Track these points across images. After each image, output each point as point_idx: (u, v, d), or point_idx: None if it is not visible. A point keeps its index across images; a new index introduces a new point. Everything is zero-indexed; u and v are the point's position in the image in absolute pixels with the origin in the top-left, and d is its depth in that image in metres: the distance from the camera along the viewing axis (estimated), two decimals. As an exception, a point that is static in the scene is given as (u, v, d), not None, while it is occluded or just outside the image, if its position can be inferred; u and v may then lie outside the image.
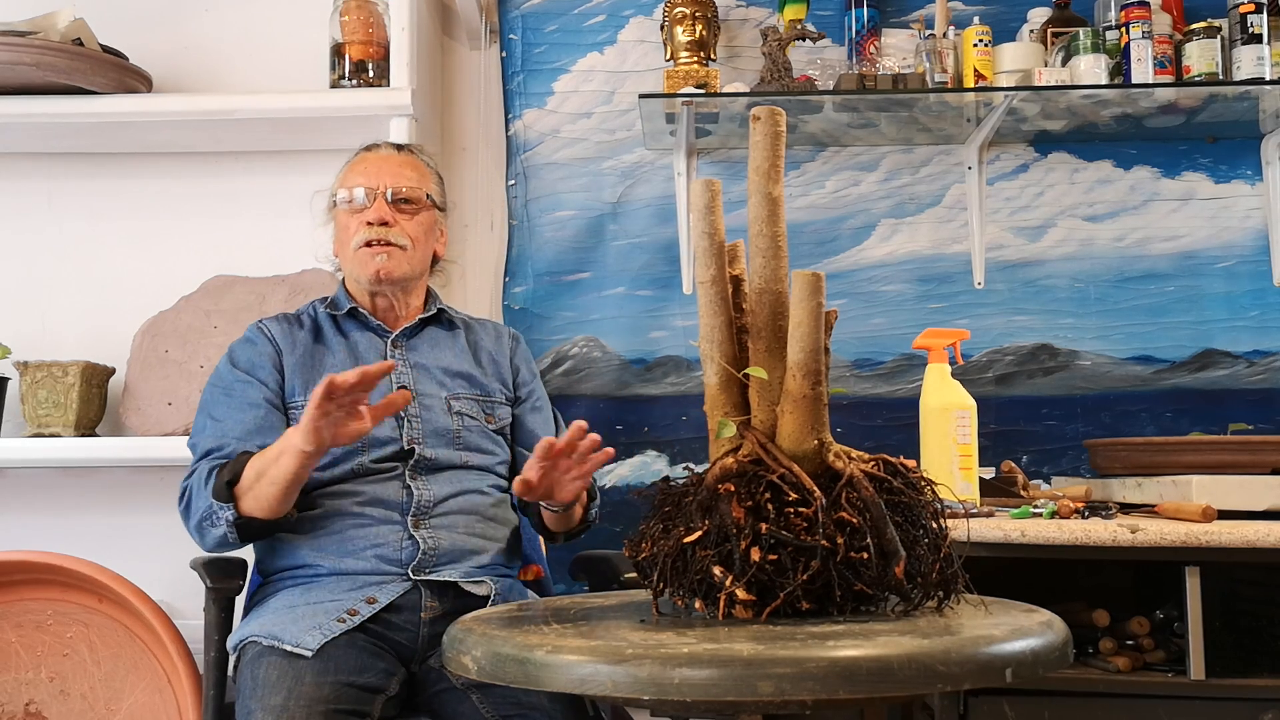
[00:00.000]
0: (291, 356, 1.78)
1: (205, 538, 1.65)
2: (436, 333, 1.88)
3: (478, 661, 1.09)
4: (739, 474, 1.18)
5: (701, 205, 1.24)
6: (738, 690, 0.95)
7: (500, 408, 1.87)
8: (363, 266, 1.80)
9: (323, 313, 1.86)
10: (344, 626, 1.59)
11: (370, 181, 1.82)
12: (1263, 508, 1.82)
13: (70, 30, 2.27)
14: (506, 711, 1.56)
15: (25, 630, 2.17)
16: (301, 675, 1.51)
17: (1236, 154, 2.57)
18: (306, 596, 1.65)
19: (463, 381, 1.84)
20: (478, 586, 1.69)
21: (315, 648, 1.55)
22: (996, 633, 1.05)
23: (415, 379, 1.80)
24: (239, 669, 1.62)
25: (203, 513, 1.62)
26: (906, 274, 2.58)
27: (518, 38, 2.66)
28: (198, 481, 1.65)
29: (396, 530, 1.69)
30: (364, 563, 1.67)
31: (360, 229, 1.80)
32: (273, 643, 1.57)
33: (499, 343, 1.94)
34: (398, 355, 1.82)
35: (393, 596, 1.65)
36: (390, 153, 1.88)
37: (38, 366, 2.30)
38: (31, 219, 2.55)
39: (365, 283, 1.82)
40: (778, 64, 2.40)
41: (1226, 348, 2.53)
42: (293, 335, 1.81)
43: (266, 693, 1.49)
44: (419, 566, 1.67)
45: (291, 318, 1.86)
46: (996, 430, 2.49)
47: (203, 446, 1.70)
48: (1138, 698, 1.75)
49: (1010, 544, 1.74)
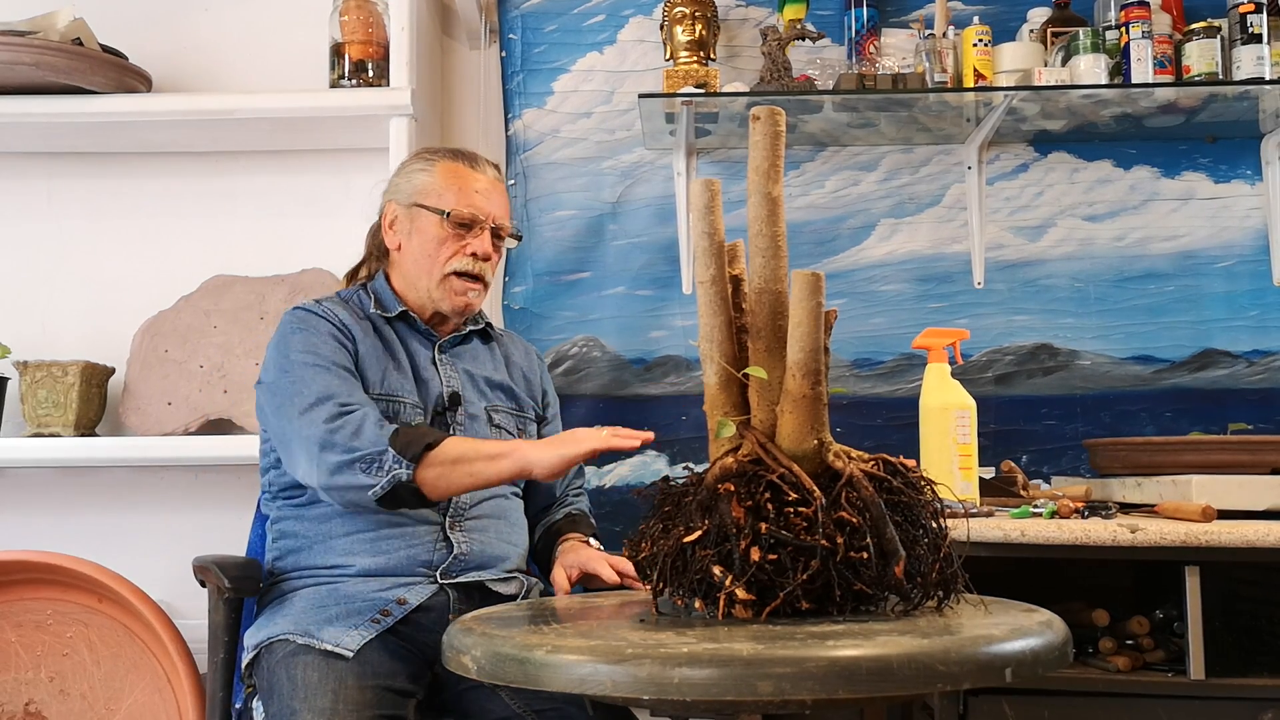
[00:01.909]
0: (358, 343, 1.71)
1: (340, 475, 1.54)
2: (477, 344, 1.88)
3: (477, 661, 1.09)
4: (739, 474, 1.18)
5: (701, 205, 1.24)
6: (737, 690, 0.95)
7: (530, 424, 1.88)
8: (450, 295, 1.76)
9: (373, 311, 1.79)
10: (378, 628, 1.58)
11: (484, 209, 1.77)
12: (1263, 507, 1.82)
13: (70, 30, 2.27)
14: (538, 705, 1.55)
15: (25, 630, 2.17)
16: (344, 678, 1.50)
17: (1236, 154, 2.57)
18: (335, 595, 1.64)
19: (501, 394, 1.84)
20: (506, 585, 1.70)
21: (355, 649, 1.54)
22: (996, 632, 1.05)
23: (462, 386, 1.79)
24: (265, 667, 1.59)
25: (367, 453, 1.52)
26: (906, 274, 2.58)
27: (517, 37, 2.66)
28: (364, 421, 1.55)
29: (432, 531, 1.68)
30: (395, 563, 1.66)
31: (459, 256, 1.75)
32: (309, 641, 1.56)
33: (529, 359, 1.95)
34: (445, 361, 1.80)
35: (422, 598, 1.64)
36: (495, 177, 1.82)
37: (37, 366, 2.30)
38: (31, 219, 2.55)
39: (447, 309, 1.78)
40: (777, 64, 2.40)
41: (1226, 347, 2.53)
42: (356, 323, 1.75)
43: (311, 693, 1.48)
44: (447, 570, 1.67)
45: (352, 304, 1.79)
46: (996, 430, 2.49)
47: (326, 393, 1.59)
48: (1137, 697, 1.75)
49: (1010, 544, 1.74)
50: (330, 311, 1.74)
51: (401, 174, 1.85)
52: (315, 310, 1.74)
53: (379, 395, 1.69)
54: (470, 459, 1.53)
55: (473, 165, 1.81)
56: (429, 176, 1.79)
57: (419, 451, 1.52)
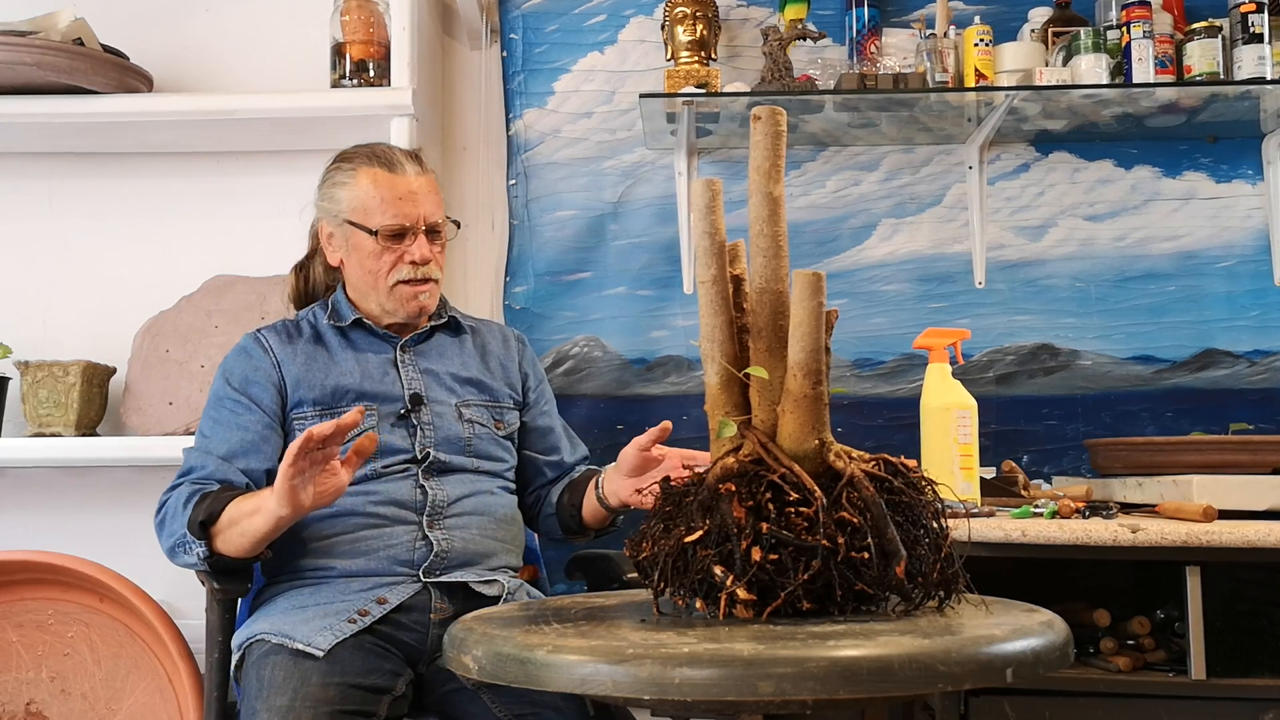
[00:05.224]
0: (292, 367, 1.75)
1: (175, 558, 1.63)
2: (444, 339, 1.87)
3: (478, 661, 1.09)
4: (740, 474, 1.18)
5: (702, 205, 1.24)
6: (738, 690, 0.95)
7: (509, 413, 1.86)
8: (402, 303, 1.77)
9: (324, 323, 1.81)
10: (355, 627, 1.59)
11: (411, 215, 1.75)
12: (1263, 507, 1.82)
13: (71, 30, 2.27)
14: (519, 710, 1.56)
15: (26, 630, 2.17)
16: (308, 676, 1.51)
17: (1237, 154, 2.57)
18: (316, 596, 1.65)
19: (472, 388, 1.83)
20: (488, 587, 1.70)
21: (326, 648, 1.55)
22: (997, 632, 1.05)
23: (426, 386, 1.78)
24: (244, 667, 1.62)
25: (177, 539, 1.60)
26: (907, 274, 2.58)
27: (518, 37, 2.66)
28: (176, 503, 1.63)
29: (411, 531, 1.69)
30: (375, 563, 1.67)
31: (399, 266, 1.75)
32: (283, 641, 1.57)
33: (506, 346, 1.93)
34: (407, 362, 1.80)
35: (403, 597, 1.65)
36: (414, 174, 1.77)
37: (38, 366, 2.30)
38: (32, 219, 2.55)
39: (402, 317, 1.79)
40: (778, 64, 2.40)
41: (1227, 347, 2.53)
42: (292, 345, 1.78)
43: (272, 693, 1.49)
44: (429, 569, 1.68)
45: (290, 326, 1.82)
46: (997, 430, 2.49)
47: (188, 462, 1.70)
48: (1138, 698, 1.75)
49: (1011, 544, 1.74)
50: (260, 343, 1.77)
51: (325, 186, 1.81)
52: (246, 347, 1.78)
53: (324, 411, 1.72)
54: (237, 519, 1.56)
55: (391, 168, 1.76)
56: (352, 189, 1.76)
57: (200, 530, 1.57)
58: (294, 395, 1.74)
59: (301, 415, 1.73)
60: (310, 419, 1.72)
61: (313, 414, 1.72)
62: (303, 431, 1.70)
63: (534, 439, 1.89)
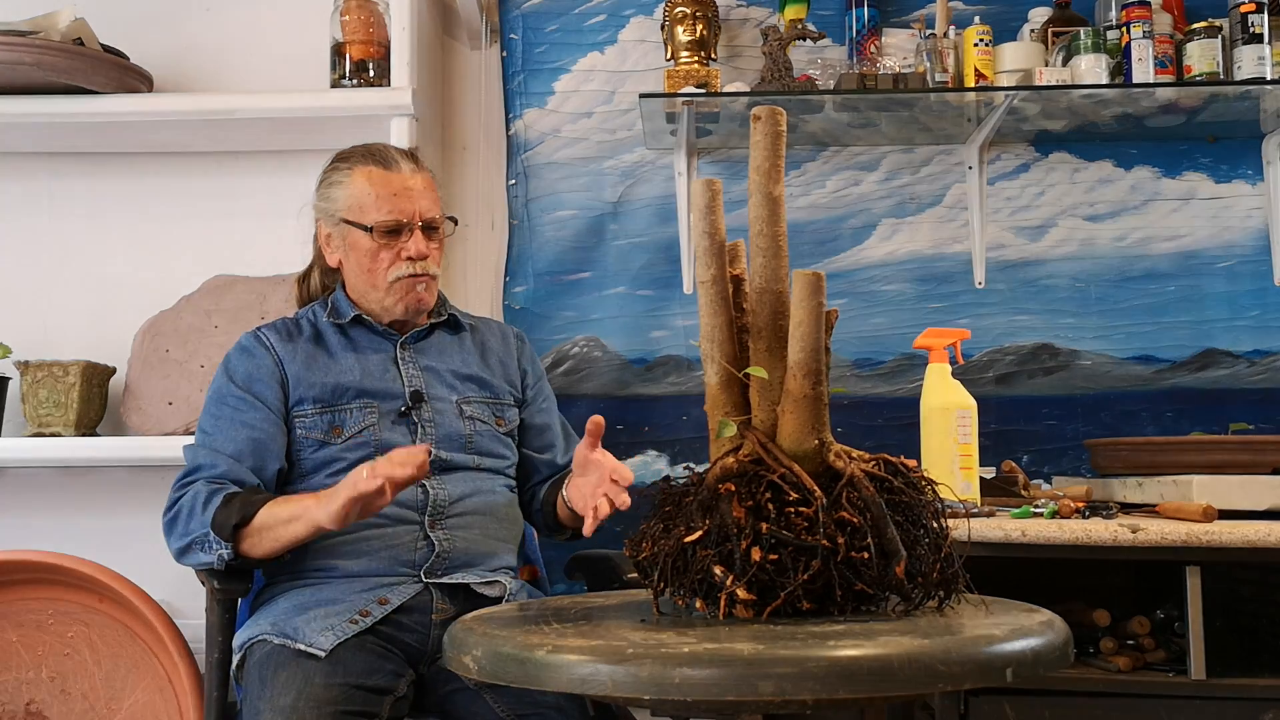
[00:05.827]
0: (293, 365, 1.75)
1: (187, 557, 1.63)
2: (444, 336, 1.87)
3: (478, 661, 1.09)
4: (739, 474, 1.18)
5: (702, 205, 1.24)
6: (738, 690, 0.95)
7: (509, 410, 1.86)
8: (401, 300, 1.77)
9: (324, 320, 1.82)
10: (356, 628, 1.59)
11: (407, 211, 1.75)
12: (1263, 507, 1.82)
13: (71, 30, 2.27)
14: (521, 710, 1.56)
15: (26, 630, 2.17)
16: (311, 676, 1.50)
17: (1237, 154, 2.57)
18: (318, 596, 1.65)
19: (473, 385, 1.83)
20: (490, 588, 1.69)
21: (328, 648, 1.55)
22: (997, 632, 1.05)
23: (426, 383, 1.79)
24: (245, 667, 1.62)
25: (195, 536, 1.60)
26: (907, 274, 2.58)
27: (518, 37, 2.66)
28: (193, 501, 1.62)
29: (413, 531, 1.69)
30: (377, 564, 1.67)
31: (397, 264, 1.75)
32: (285, 641, 1.57)
33: (505, 344, 1.93)
34: (407, 359, 1.80)
35: (405, 598, 1.65)
36: (410, 172, 1.78)
37: (38, 366, 2.30)
38: (32, 219, 2.55)
39: (401, 313, 1.79)
40: (778, 64, 2.40)
41: (1227, 347, 2.52)
42: (293, 343, 1.78)
43: (276, 693, 1.49)
44: (431, 569, 1.68)
45: (290, 324, 1.82)
46: (997, 430, 2.49)
47: (195, 460, 1.69)
48: (1138, 698, 1.76)
49: (1011, 544, 1.74)
50: (261, 341, 1.77)
51: (321, 187, 1.83)
52: (248, 346, 1.78)
53: (325, 409, 1.72)
54: (272, 526, 1.57)
55: (387, 166, 1.77)
56: (348, 188, 1.77)
57: (231, 532, 1.58)
58: (295, 393, 1.74)
59: (302, 413, 1.73)
60: (311, 417, 1.72)
61: (313, 412, 1.72)
62: (303, 430, 1.71)
63: (530, 436, 1.89)
